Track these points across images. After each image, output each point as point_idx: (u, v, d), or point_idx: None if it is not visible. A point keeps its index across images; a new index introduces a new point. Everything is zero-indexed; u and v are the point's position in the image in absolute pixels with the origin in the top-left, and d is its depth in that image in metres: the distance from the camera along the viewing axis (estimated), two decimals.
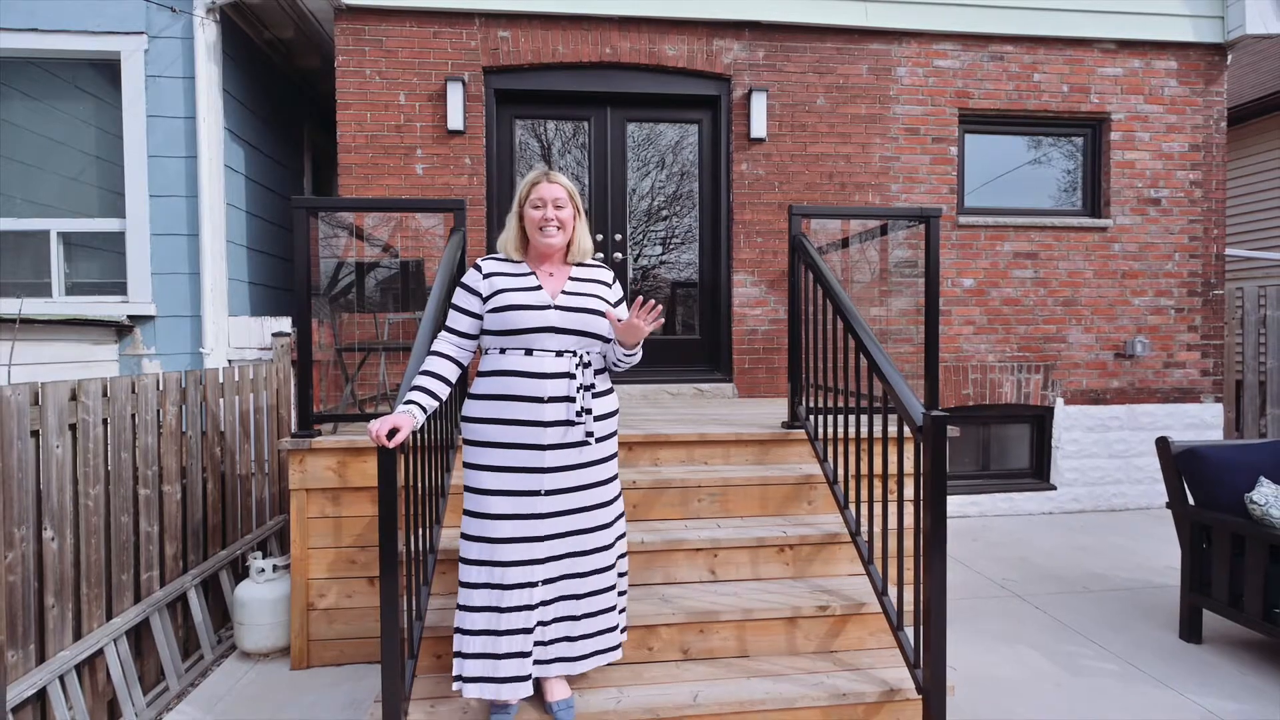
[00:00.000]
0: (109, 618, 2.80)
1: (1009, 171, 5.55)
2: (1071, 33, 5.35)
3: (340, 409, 3.89)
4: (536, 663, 2.07)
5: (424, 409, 1.99)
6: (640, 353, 2.16)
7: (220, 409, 3.63)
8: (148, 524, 3.06)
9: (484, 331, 2.10)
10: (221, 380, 3.65)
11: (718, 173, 5.16)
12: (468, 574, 2.07)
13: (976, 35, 5.28)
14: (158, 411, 3.15)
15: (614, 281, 2.23)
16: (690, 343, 5.25)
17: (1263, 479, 3.10)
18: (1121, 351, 5.51)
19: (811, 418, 3.20)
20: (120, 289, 4.62)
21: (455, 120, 4.73)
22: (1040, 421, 5.55)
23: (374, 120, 4.74)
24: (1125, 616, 3.53)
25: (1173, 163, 5.55)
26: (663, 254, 5.29)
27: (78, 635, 2.65)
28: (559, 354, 2.04)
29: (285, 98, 6.00)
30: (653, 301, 1.98)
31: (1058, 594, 3.83)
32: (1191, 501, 3.32)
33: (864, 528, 2.56)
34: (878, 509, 2.56)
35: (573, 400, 2.03)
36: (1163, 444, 3.38)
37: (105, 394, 2.84)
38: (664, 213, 5.27)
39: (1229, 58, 5.66)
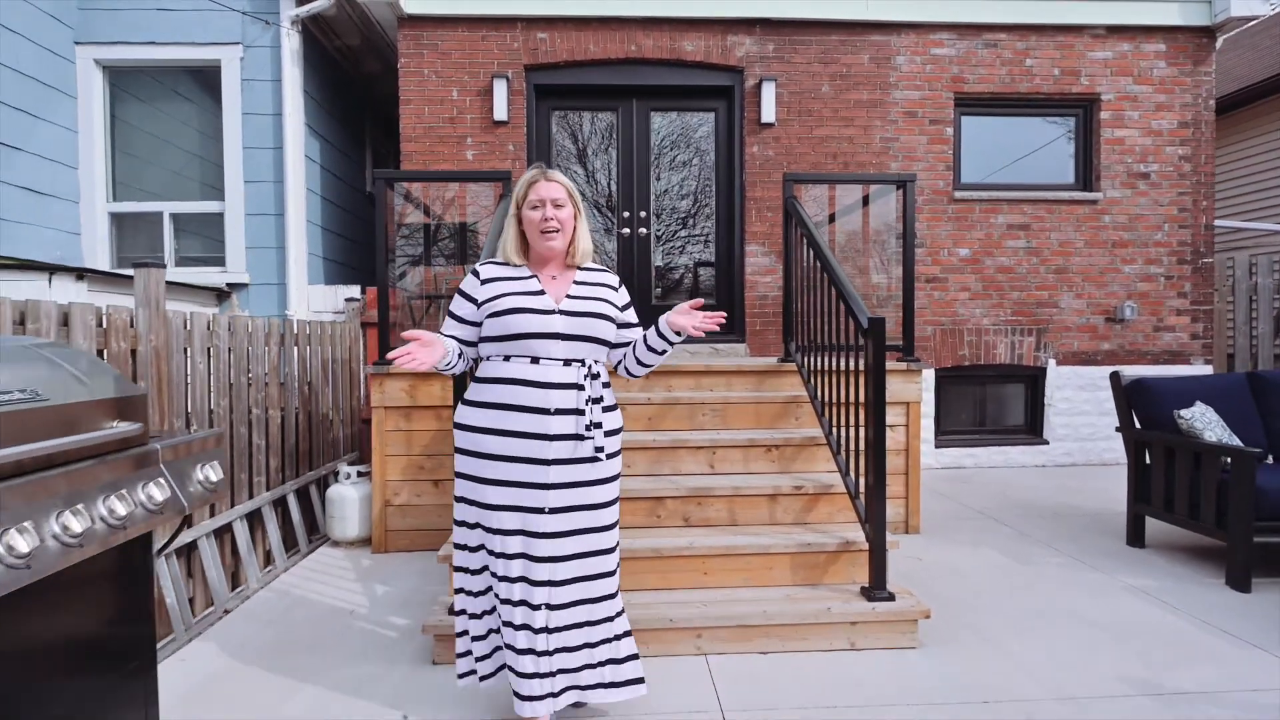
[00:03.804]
0: (233, 505, 3.54)
1: (1003, 150, 6.01)
2: (1062, 20, 5.80)
3: None
4: (547, 685, 1.95)
5: (453, 347, 1.99)
6: (664, 354, 2.09)
7: (308, 355, 4.37)
8: (258, 438, 3.80)
9: (483, 339, 1.99)
10: (309, 332, 4.39)
11: (732, 155, 5.76)
12: (464, 581, 2.03)
13: (971, 25, 5.77)
14: (265, 349, 3.88)
15: (620, 285, 2.13)
16: (707, 308, 5.83)
17: (1197, 401, 3.58)
18: (1112, 316, 5.92)
19: (800, 354, 3.79)
20: (219, 261, 5.43)
21: (500, 112, 5.42)
22: (1034, 381, 6.00)
23: (431, 113, 5.47)
24: (1084, 531, 4.02)
25: (1162, 139, 5.94)
26: (683, 229, 5.90)
27: (213, 514, 3.39)
28: (566, 363, 1.92)
29: (350, 97, 6.79)
30: (718, 315, 1.97)
31: (1028, 517, 4.33)
32: (1138, 426, 3.80)
33: (834, 433, 3.14)
34: (843, 416, 3.12)
35: (581, 413, 1.91)
36: (1115, 377, 3.87)
37: (229, 329, 3.58)
38: (684, 192, 5.88)
39: (1219, 40, 6.02)
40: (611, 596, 2.02)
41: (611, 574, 2.02)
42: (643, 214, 5.78)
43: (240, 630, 2.86)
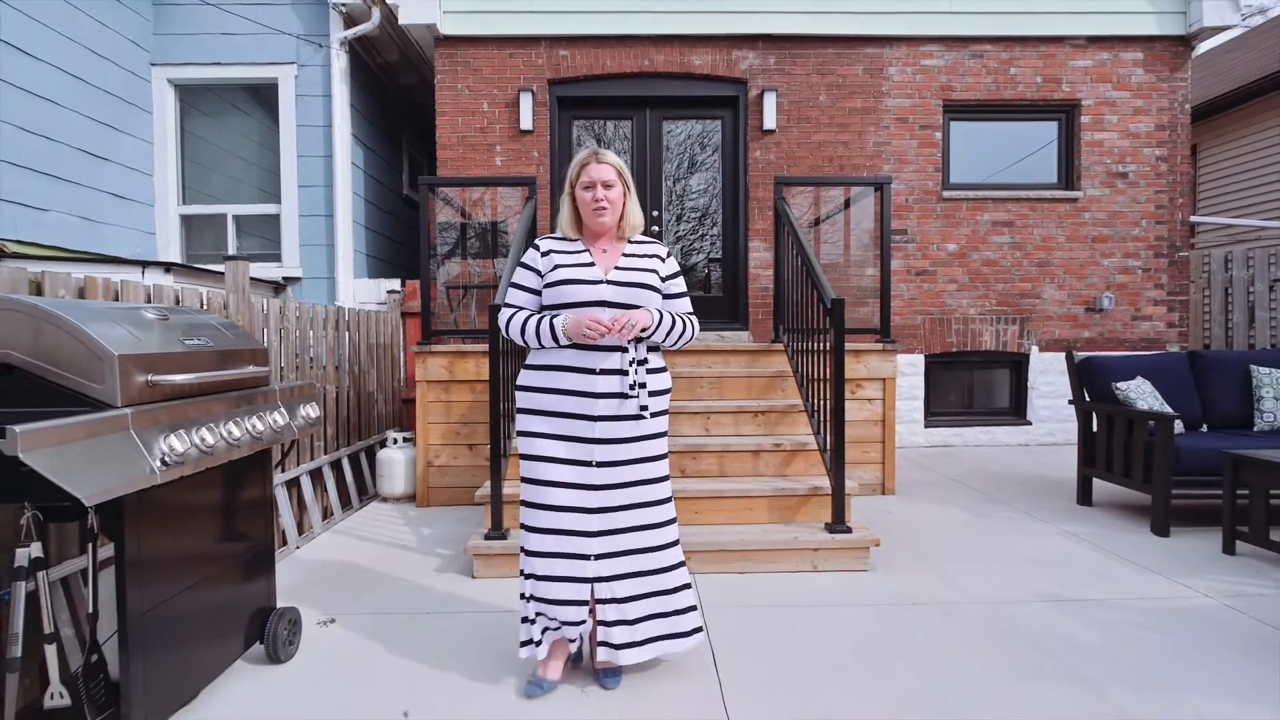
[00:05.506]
0: (299, 463, 4.17)
1: (989, 152, 6.46)
2: (1044, 32, 6.24)
3: (445, 328, 5.21)
4: (600, 624, 2.12)
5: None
6: (686, 333, 2.20)
7: (358, 340, 4.99)
8: (319, 408, 4.42)
9: (543, 307, 2.17)
10: (357, 320, 5.01)
11: (736, 159, 6.29)
12: (528, 541, 2.15)
13: (959, 38, 6.24)
14: (323, 333, 4.51)
15: (668, 256, 2.25)
16: (714, 299, 6.40)
17: (1137, 375, 4.05)
18: (1091, 306, 6.36)
19: (786, 336, 4.32)
20: (275, 258, 6.09)
21: (526, 122, 6.02)
22: (1018, 366, 6.45)
23: (464, 124, 6.08)
24: (1043, 494, 4.50)
25: (1139, 141, 6.36)
26: (693, 228, 6.45)
27: (283, 469, 4.01)
28: None
29: (388, 108, 7.43)
30: (628, 322, 2.02)
31: (997, 485, 4.81)
32: (1088, 399, 4.27)
33: (810, 401, 3.67)
34: (820, 389, 3.65)
35: (625, 373, 2.07)
36: (1069, 355, 4.35)
37: (296, 315, 4.20)
38: (693, 193, 6.43)
39: (1195, 48, 6.42)
40: (670, 546, 2.16)
41: (666, 524, 2.15)
42: (655, 213, 6.34)
43: (312, 559, 3.48)
